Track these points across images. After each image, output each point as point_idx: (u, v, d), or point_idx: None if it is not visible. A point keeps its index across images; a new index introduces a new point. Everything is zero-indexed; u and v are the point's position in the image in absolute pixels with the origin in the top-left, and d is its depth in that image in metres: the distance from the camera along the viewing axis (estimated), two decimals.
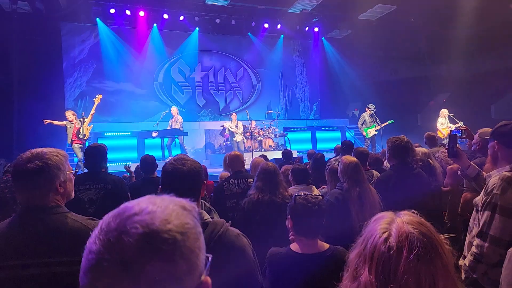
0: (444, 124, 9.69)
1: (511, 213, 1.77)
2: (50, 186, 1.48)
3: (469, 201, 2.97)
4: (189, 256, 0.61)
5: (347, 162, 2.72)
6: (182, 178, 1.43)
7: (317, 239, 1.85)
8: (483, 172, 2.30)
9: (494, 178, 1.89)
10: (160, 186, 1.48)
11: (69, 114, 8.04)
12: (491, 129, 2.13)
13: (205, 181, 1.56)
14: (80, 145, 7.82)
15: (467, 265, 1.85)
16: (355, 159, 2.81)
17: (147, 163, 3.85)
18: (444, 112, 9.74)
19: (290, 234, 1.91)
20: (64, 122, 7.98)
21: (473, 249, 1.84)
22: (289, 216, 1.90)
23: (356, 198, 2.56)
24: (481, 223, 1.85)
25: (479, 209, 1.91)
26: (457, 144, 2.59)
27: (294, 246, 1.85)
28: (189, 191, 1.42)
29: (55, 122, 7.97)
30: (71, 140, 7.94)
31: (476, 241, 1.85)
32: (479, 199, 1.96)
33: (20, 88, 10.27)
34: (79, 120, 7.97)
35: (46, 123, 7.88)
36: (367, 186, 2.69)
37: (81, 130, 7.83)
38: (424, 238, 0.82)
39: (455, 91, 12.54)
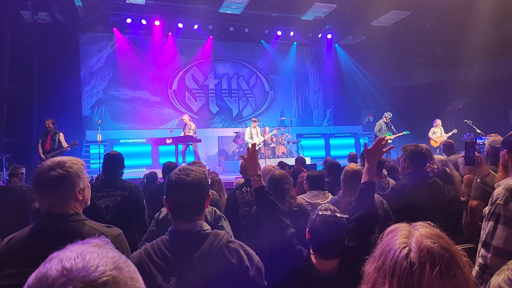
0: (436, 133, 9.79)
1: None
2: (71, 194, 1.52)
3: (475, 209, 2.90)
4: (132, 283, 0.62)
5: (346, 170, 2.72)
6: (185, 189, 1.41)
7: (335, 259, 1.74)
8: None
9: (499, 188, 1.86)
10: (164, 196, 1.47)
11: (49, 122, 7.45)
12: (501, 137, 2.09)
13: (209, 193, 1.52)
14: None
15: (475, 276, 1.83)
16: (356, 166, 2.79)
17: (170, 168, 4.02)
18: (438, 122, 9.92)
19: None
20: (40, 143, 7.42)
21: (479, 259, 1.82)
22: (307, 230, 1.83)
23: (348, 205, 2.53)
24: (485, 233, 1.83)
25: (485, 218, 1.89)
26: (475, 152, 2.55)
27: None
28: (192, 203, 1.42)
29: (40, 151, 7.38)
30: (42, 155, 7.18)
31: (481, 251, 1.83)
32: (487, 208, 1.93)
33: (39, 96, 10.57)
34: (55, 132, 7.40)
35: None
36: None
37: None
38: (446, 253, 0.81)
39: (472, 97, 12.28)
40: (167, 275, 1.29)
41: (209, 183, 3.18)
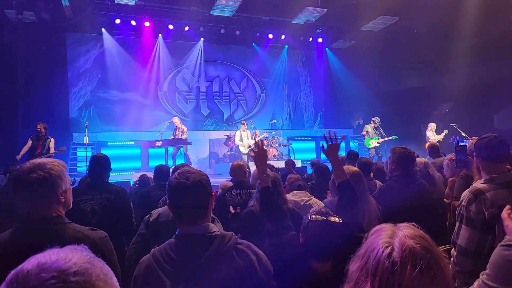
0: (431, 137, 10.02)
1: (475, 224, 1.83)
2: (53, 196, 1.49)
3: None
4: (105, 278, 0.66)
5: (349, 172, 2.71)
6: (187, 193, 1.39)
7: (328, 262, 1.72)
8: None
9: (466, 190, 1.97)
10: (167, 201, 1.46)
11: (41, 127, 7.37)
12: None
13: (212, 193, 1.50)
14: None
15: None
16: (356, 169, 2.81)
17: (162, 171, 4.13)
18: (433, 126, 10.09)
19: None
20: (29, 144, 7.34)
21: (452, 258, 1.92)
22: (300, 233, 1.81)
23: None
24: (454, 233, 1.95)
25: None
26: (467, 155, 2.62)
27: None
28: (195, 206, 1.40)
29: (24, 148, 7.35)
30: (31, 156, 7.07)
31: (452, 250, 1.95)
32: None
33: (24, 97, 10.38)
34: (46, 138, 7.34)
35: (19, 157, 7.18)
36: (367, 197, 2.68)
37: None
38: (427, 253, 0.82)
39: (458, 101, 12.54)
40: (175, 279, 1.27)
41: None
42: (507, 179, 1.92)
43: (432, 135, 10.00)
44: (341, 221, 1.75)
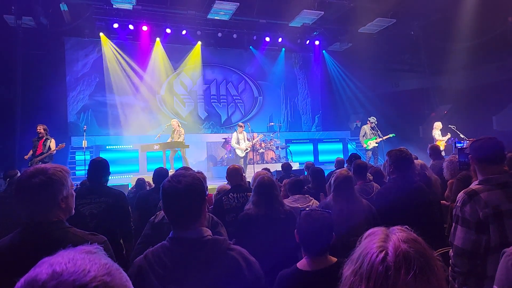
0: (440, 136, 9.87)
1: (469, 224, 1.87)
2: (53, 201, 1.49)
3: None
4: None
5: (337, 175, 2.74)
6: (178, 197, 1.36)
7: (325, 255, 1.80)
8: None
9: (461, 192, 2.00)
10: (161, 205, 1.46)
11: (40, 128, 7.51)
12: None
13: (206, 196, 1.49)
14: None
15: (450, 277, 1.95)
16: (347, 172, 2.82)
17: (161, 174, 4.08)
18: (438, 125, 9.89)
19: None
20: (30, 152, 7.45)
21: (450, 260, 1.95)
22: (295, 231, 1.87)
23: (338, 211, 2.54)
24: (450, 234, 1.99)
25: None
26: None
27: (301, 264, 1.81)
28: (188, 210, 1.38)
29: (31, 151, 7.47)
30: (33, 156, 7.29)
31: (450, 251, 1.98)
32: None
33: (23, 101, 10.38)
34: (46, 138, 7.47)
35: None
36: (356, 200, 2.69)
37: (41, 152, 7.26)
38: (421, 257, 0.81)
39: (457, 103, 12.58)
40: (164, 282, 1.27)
41: None
42: (503, 180, 1.94)
43: (438, 134, 9.78)
44: (328, 211, 1.84)
